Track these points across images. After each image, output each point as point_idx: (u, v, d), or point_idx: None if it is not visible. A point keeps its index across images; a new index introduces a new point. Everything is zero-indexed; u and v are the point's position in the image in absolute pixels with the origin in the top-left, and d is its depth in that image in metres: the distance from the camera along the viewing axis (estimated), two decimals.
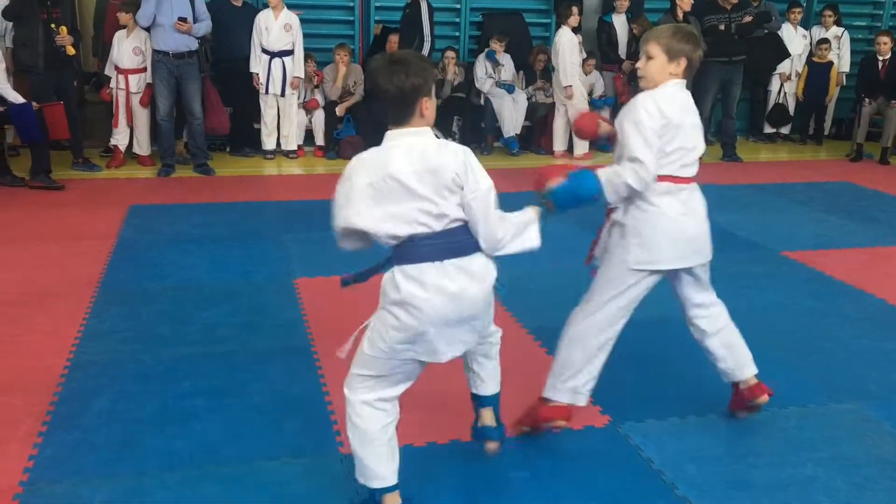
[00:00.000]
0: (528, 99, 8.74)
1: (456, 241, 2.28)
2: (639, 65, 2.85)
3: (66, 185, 6.69)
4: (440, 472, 2.78)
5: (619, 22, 8.82)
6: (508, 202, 2.41)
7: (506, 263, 2.44)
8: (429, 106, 2.27)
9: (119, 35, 7.32)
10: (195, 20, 7.11)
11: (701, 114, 8.77)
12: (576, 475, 2.77)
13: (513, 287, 4.58)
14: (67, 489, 2.61)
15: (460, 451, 2.90)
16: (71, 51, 6.90)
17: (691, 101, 2.84)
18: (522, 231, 2.43)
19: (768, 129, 9.69)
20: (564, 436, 3.01)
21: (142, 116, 7.49)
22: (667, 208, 2.80)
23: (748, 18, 7.96)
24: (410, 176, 2.19)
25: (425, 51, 7.73)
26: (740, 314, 4.21)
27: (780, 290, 4.62)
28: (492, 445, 2.76)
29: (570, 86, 8.13)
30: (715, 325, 3.05)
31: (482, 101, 8.59)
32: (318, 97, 8.24)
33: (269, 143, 8.04)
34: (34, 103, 6.61)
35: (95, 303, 4.19)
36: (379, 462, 2.37)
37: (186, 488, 2.62)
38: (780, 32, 9.02)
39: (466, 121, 8.72)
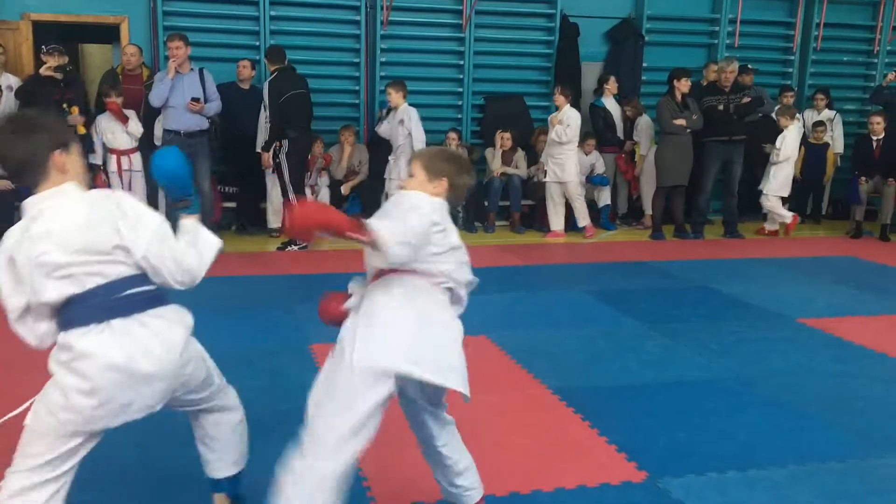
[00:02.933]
0: (530, 179, 8.87)
1: (134, 294, 2.13)
2: (401, 183, 2.68)
3: None
4: None
5: (611, 104, 9.03)
6: (511, 273, 2.41)
7: (526, 332, 2.43)
8: (67, 160, 2.13)
9: (106, 118, 7.29)
10: (206, 100, 7.25)
11: (702, 192, 8.84)
12: None
13: (533, 351, 4.56)
14: None
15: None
16: (81, 130, 6.99)
17: None
18: (199, 242, 2.27)
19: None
20: (602, 491, 2.92)
21: (141, 198, 7.51)
22: None
23: (747, 99, 8.17)
24: (60, 256, 2.04)
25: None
26: (766, 376, 4.23)
27: (803, 354, 4.57)
28: None
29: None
30: None
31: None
32: (324, 177, 8.33)
33: (274, 221, 8.06)
34: None
35: None
36: None
37: None
38: (772, 115, 9.25)
39: (470, 199, 8.80)
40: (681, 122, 8.06)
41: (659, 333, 4.97)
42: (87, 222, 2.08)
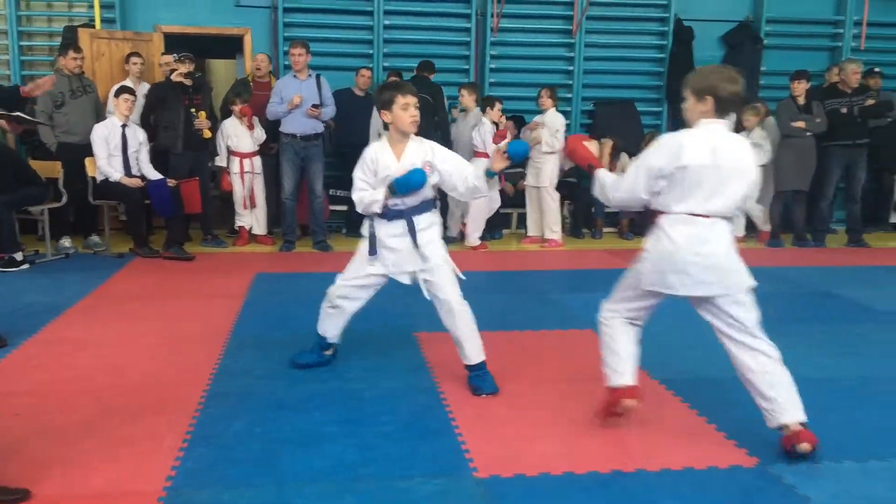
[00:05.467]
0: None
1: None
2: None
3: (195, 257, 7.01)
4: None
5: None
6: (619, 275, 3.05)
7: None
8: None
9: (232, 123, 7.64)
10: (322, 105, 7.50)
11: (824, 198, 8.45)
12: None
13: (642, 344, 4.49)
14: (210, 495, 2.62)
15: (599, 483, 2.79)
16: (207, 134, 7.37)
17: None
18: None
19: (895, 219, 9.32)
20: (710, 473, 2.85)
21: (261, 199, 7.84)
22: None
23: (870, 102, 7.80)
24: None
25: None
26: (892, 377, 4.00)
27: None
28: None
29: None
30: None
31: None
32: None
33: None
34: (171, 180, 7.05)
35: (229, 347, 4.32)
36: None
37: (326, 500, 2.60)
38: None
39: (578, 206, 8.76)
40: (799, 124, 7.77)
41: (777, 333, 4.75)
42: None
